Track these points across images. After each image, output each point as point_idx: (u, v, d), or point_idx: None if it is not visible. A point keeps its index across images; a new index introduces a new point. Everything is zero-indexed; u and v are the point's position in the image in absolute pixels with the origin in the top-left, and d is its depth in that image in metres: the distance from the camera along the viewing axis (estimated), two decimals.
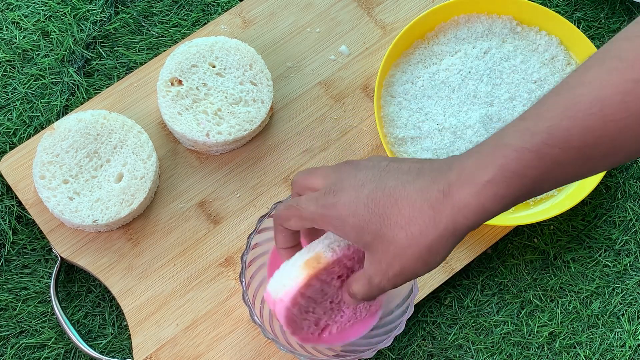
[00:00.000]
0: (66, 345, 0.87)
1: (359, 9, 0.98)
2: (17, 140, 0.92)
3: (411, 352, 0.88)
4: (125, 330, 0.87)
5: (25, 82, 0.95)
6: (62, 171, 0.86)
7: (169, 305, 0.86)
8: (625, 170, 0.96)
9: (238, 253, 0.88)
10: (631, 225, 0.94)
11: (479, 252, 0.90)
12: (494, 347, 0.88)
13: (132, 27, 0.98)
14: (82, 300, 0.89)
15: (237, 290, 0.87)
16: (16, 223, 0.90)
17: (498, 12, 0.96)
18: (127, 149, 0.87)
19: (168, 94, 0.89)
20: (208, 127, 0.88)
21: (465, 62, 0.93)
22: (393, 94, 0.93)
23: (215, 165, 0.92)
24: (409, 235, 0.59)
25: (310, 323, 0.73)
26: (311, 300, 0.69)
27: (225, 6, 0.99)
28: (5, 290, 0.88)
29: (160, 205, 0.90)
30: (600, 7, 1.02)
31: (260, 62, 0.91)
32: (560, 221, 0.93)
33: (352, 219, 0.61)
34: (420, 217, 0.58)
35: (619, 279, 0.92)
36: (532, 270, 0.92)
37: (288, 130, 0.93)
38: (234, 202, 0.90)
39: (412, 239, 0.59)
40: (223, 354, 0.85)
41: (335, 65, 0.96)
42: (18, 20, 0.97)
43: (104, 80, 0.96)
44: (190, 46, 0.91)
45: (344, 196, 0.61)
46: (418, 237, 0.59)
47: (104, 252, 0.87)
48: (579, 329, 0.89)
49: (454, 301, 0.90)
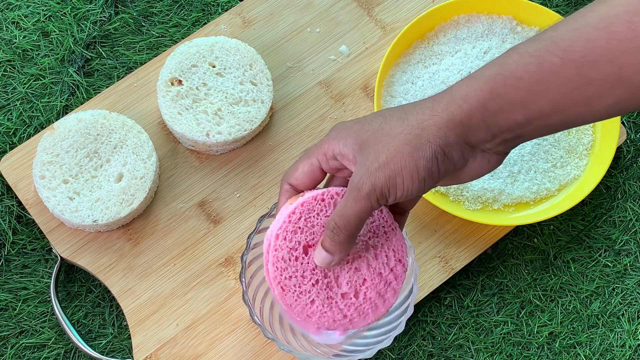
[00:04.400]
0: (66, 345, 0.87)
1: (359, 9, 0.98)
2: (17, 140, 0.92)
3: (411, 352, 0.88)
4: (125, 330, 0.87)
5: (25, 82, 0.95)
6: (62, 171, 0.86)
7: (169, 305, 0.86)
8: (625, 170, 0.96)
9: (238, 253, 0.88)
10: (631, 225, 0.94)
11: (479, 252, 0.90)
12: (494, 347, 0.88)
13: (132, 27, 0.98)
14: (82, 300, 0.89)
15: (237, 290, 0.87)
16: (16, 223, 0.90)
17: (498, 12, 0.96)
18: (127, 148, 0.87)
19: (168, 94, 0.89)
20: (208, 127, 0.88)
21: (465, 62, 0.93)
22: (393, 94, 0.93)
23: (215, 165, 0.92)
24: (404, 123, 0.60)
25: (298, 275, 0.68)
26: (298, 231, 0.67)
27: (225, 6, 0.99)
28: (5, 290, 0.88)
29: (160, 205, 0.90)
30: None
31: (260, 62, 0.91)
32: (560, 221, 0.93)
33: (355, 125, 0.63)
34: (420, 109, 0.60)
35: (619, 279, 0.92)
36: (532, 270, 0.92)
37: (288, 130, 0.93)
38: (234, 202, 0.90)
39: (407, 124, 0.60)
40: (223, 354, 0.85)
41: (335, 65, 0.96)
42: (18, 20, 0.97)
43: (104, 80, 0.96)
44: (190, 46, 0.91)
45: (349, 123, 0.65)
46: (413, 123, 0.59)
47: (104, 252, 0.87)
48: (579, 329, 0.90)
49: (454, 301, 0.90)
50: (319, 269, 0.67)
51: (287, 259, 0.66)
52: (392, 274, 0.68)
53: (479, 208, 0.89)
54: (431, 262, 0.89)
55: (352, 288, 0.68)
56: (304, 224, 0.66)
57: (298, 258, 0.67)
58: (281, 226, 0.66)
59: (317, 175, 0.66)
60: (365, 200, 0.60)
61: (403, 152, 0.59)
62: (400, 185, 0.60)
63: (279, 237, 0.66)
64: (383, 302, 0.69)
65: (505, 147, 0.60)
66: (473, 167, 0.62)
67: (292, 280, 0.67)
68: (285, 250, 0.66)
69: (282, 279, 0.67)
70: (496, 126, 0.58)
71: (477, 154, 0.61)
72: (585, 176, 0.91)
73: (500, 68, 0.58)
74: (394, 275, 0.68)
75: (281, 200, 0.68)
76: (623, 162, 0.96)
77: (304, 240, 0.66)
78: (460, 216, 0.87)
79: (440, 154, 0.59)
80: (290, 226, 0.66)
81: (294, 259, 0.66)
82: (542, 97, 0.57)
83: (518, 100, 0.57)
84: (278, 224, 0.66)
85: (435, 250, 0.89)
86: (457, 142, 0.59)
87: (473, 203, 0.89)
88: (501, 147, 0.60)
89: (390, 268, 0.68)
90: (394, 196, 0.60)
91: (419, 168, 0.59)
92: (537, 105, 0.57)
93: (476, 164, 0.61)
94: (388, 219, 0.68)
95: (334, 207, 0.66)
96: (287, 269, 0.67)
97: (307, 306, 0.67)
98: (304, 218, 0.66)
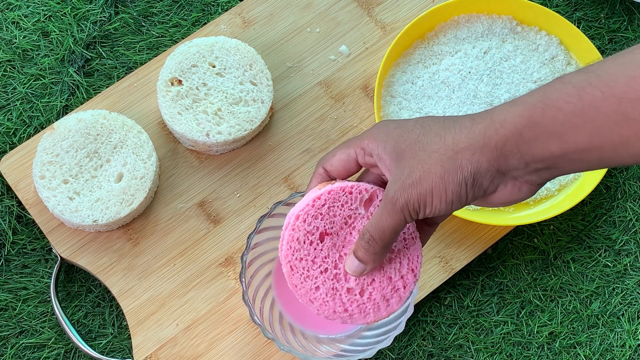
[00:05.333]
0: (66, 345, 0.87)
1: (359, 9, 0.98)
2: (17, 140, 0.92)
3: (411, 352, 0.88)
4: (125, 330, 0.87)
5: (25, 82, 0.95)
6: (62, 171, 0.86)
7: (169, 305, 0.86)
8: (625, 170, 0.96)
9: (238, 253, 0.88)
10: (631, 225, 0.94)
11: (479, 252, 0.90)
12: (494, 347, 0.88)
13: (132, 27, 0.98)
14: (82, 300, 0.89)
15: (237, 290, 0.87)
16: (16, 223, 0.90)
17: (498, 12, 0.96)
18: (127, 148, 0.87)
19: (168, 93, 0.89)
20: (208, 127, 0.88)
21: (465, 62, 0.93)
22: (393, 94, 0.93)
23: (215, 165, 0.92)
24: (441, 140, 0.60)
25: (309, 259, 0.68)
26: (319, 217, 0.66)
27: (225, 6, 0.99)
28: (5, 290, 0.88)
29: (160, 205, 0.90)
30: (600, 7, 1.02)
31: (260, 62, 0.91)
32: (560, 221, 0.93)
33: (396, 130, 0.63)
34: (459, 128, 0.60)
35: (619, 279, 0.92)
36: (532, 270, 0.92)
37: (288, 130, 0.93)
38: (234, 202, 0.90)
39: (443, 144, 0.60)
40: (223, 354, 0.85)
41: (335, 65, 0.96)
42: (18, 20, 0.97)
43: (104, 80, 0.96)
44: (190, 46, 0.91)
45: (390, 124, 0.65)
46: (450, 143, 0.59)
47: (104, 252, 0.87)
48: (579, 329, 0.89)
49: (454, 301, 0.90)
50: (330, 259, 0.67)
51: (302, 241, 0.66)
52: (401, 281, 0.68)
53: (479, 208, 0.89)
54: (431, 262, 0.89)
55: (359, 285, 0.68)
56: (327, 211, 0.66)
57: (313, 243, 0.66)
58: (304, 208, 0.66)
59: (352, 166, 0.67)
60: (400, 215, 0.61)
61: (435, 173, 0.59)
62: (430, 204, 0.60)
63: (299, 219, 0.66)
64: (386, 307, 0.69)
65: (537, 177, 0.59)
66: (503, 194, 0.61)
67: (301, 263, 0.67)
68: (302, 232, 0.66)
69: (292, 259, 0.67)
70: (529, 155, 0.58)
71: (508, 180, 0.60)
72: (585, 176, 0.91)
73: (542, 96, 0.56)
74: (403, 282, 0.68)
75: (312, 182, 0.68)
76: None
77: (323, 227, 0.66)
78: (460, 216, 0.87)
79: (470, 181, 0.59)
80: (313, 210, 0.66)
81: (308, 242, 0.66)
82: (580, 130, 0.55)
83: (555, 131, 0.56)
84: (301, 206, 0.66)
85: (435, 250, 0.89)
86: (488, 169, 0.59)
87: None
88: (533, 177, 0.59)
89: (401, 275, 0.68)
90: (423, 212, 0.61)
91: (448, 191, 0.59)
92: (573, 139, 0.56)
93: (507, 190, 0.61)
94: (411, 227, 0.68)
95: (360, 202, 0.66)
96: (300, 250, 0.67)
97: (312, 291, 0.67)
98: (327, 206, 0.66)
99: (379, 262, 0.65)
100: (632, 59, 0.53)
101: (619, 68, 0.54)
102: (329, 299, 0.68)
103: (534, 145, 0.57)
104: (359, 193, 0.66)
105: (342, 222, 0.67)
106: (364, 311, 0.68)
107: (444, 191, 0.59)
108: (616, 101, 0.53)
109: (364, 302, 0.68)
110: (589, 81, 0.54)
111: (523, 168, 0.59)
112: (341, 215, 0.67)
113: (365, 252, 0.64)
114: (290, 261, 0.67)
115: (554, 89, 0.56)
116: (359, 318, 0.69)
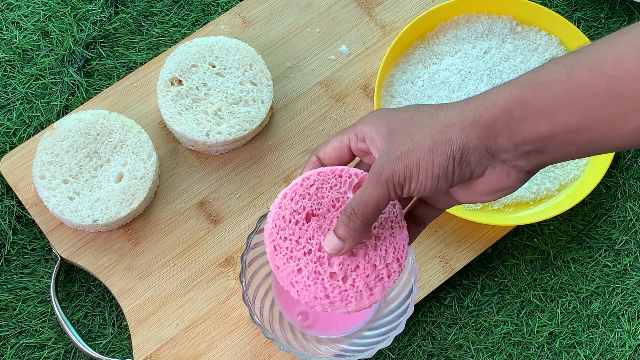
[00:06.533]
0: (66, 345, 0.87)
1: (359, 9, 0.98)
2: (17, 140, 0.92)
3: (411, 352, 0.88)
4: (125, 330, 0.87)
5: (25, 82, 0.95)
6: (62, 171, 0.86)
7: (169, 305, 0.86)
8: (625, 170, 0.96)
9: (238, 253, 0.88)
10: (631, 225, 0.94)
11: (479, 252, 0.90)
12: (494, 347, 0.88)
13: (132, 27, 0.98)
14: (82, 300, 0.89)
15: (237, 290, 0.87)
16: (16, 223, 0.90)
17: (498, 12, 0.96)
18: (127, 148, 0.87)
19: (168, 93, 0.89)
20: (208, 127, 0.88)
21: (465, 62, 0.93)
22: (393, 94, 0.93)
23: (215, 165, 0.92)
24: (433, 117, 0.60)
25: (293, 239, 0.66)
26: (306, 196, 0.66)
27: (225, 6, 0.99)
28: (5, 290, 0.88)
29: (160, 205, 0.90)
30: (600, 7, 1.02)
31: (260, 62, 0.91)
32: (560, 221, 0.93)
33: (389, 113, 0.64)
34: (451, 107, 0.60)
35: (619, 279, 0.92)
36: (532, 270, 0.92)
37: (288, 130, 0.93)
38: (234, 202, 0.90)
39: (435, 119, 0.60)
40: (223, 354, 0.85)
41: (335, 65, 0.96)
42: (18, 20, 0.97)
43: (104, 80, 0.96)
44: (190, 46, 0.91)
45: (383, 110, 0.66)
46: (441, 119, 0.60)
47: (104, 252, 0.87)
48: (579, 329, 0.90)
49: (454, 301, 0.90)
50: (315, 240, 0.66)
51: (288, 219, 0.65)
52: (386, 269, 0.67)
53: (478, 208, 0.89)
54: (431, 262, 0.89)
55: (342, 270, 0.66)
56: (315, 192, 0.66)
57: (298, 222, 0.66)
58: (292, 187, 0.66)
59: (345, 153, 0.66)
60: (384, 187, 0.60)
61: (424, 145, 0.59)
62: (416, 177, 0.60)
63: (286, 197, 0.65)
64: (369, 295, 0.67)
65: (526, 162, 0.59)
66: (491, 178, 0.60)
67: (285, 242, 0.66)
68: (288, 211, 0.65)
69: (276, 238, 0.66)
70: (519, 134, 0.57)
71: (497, 164, 0.60)
72: (585, 176, 0.91)
73: (534, 76, 0.57)
74: (387, 271, 0.67)
75: (305, 170, 0.68)
76: (623, 162, 0.96)
77: (310, 207, 0.66)
78: (460, 216, 0.87)
79: (457, 155, 0.59)
80: (301, 189, 0.65)
81: (294, 221, 0.66)
82: (569, 109, 0.55)
83: (544, 110, 0.56)
84: (290, 185, 0.66)
85: (435, 250, 0.89)
86: (477, 146, 0.59)
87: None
88: (522, 161, 0.59)
89: (386, 263, 0.67)
90: (408, 187, 0.60)
91: (434, 165, 0.59)
92: (563, 118, 0.56)
93: (495, 175, 0.60)
94: (398, 215, 0.67)
95: (349, 186, 0.66)
96: (285, 229, 0.66)
97: (293, 273, 0.66)
98: (316, 186, 0.66)
99: (358, 241, 0.64)
100: (621, 38, 0.54)
101: (608, 47, 0.54)
102: (310, 282, 0.66)
103: (524, 125, 0.57)
104: (348, 177, 0.66)
105: (330, 204, 0.66)
106: (345, 299, 0.67)
107: (431, 164, 0.59)
108: (605, 79, 0.53)
109: (346, 289, 0.66)
110: (578, 60, 0.55)
111: (512, 150, 0.58)
112: (329, 197, 0.66)
113: (345, 228, 0.63)
114: (274, 240, 0.66)
115: (546, 69, 0.57)
116: (340, 306, 0.67)
